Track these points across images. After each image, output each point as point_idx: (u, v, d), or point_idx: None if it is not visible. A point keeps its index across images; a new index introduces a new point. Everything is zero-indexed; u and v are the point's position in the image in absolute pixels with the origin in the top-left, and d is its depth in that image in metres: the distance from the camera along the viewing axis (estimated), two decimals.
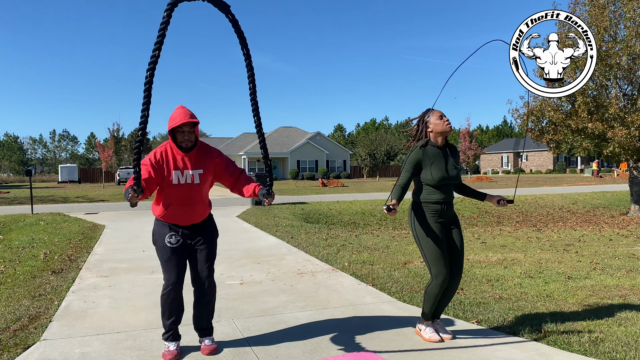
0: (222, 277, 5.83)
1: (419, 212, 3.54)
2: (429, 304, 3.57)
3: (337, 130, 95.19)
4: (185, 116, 3.26)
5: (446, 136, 3.57)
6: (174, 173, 3.33)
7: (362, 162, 52.45)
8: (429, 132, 3.56)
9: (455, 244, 3.59)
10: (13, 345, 3.61)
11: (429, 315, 3.63)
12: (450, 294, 3.63)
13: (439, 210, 3.51)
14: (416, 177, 3.56)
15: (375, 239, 9.67)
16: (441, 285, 3.47)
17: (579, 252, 7.69)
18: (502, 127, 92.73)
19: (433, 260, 3.47)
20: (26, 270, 6.54)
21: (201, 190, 3.44)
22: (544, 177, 45.09)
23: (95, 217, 13.75)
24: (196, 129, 3.38)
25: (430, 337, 3.60)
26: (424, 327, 3.68)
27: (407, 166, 3.51)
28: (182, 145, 3.35)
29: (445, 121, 3.52)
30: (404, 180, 3.49)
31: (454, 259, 3.57)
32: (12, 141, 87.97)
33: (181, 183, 3.34)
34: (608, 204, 19.38)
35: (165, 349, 3.42)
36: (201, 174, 3.40)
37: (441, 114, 3.55)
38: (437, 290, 3.49)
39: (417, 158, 3.49)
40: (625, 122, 13.09)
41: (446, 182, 3.51)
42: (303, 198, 21.17)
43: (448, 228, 3.60)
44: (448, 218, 3.58)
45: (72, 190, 30.32)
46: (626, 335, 3.59)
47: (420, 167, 3.51)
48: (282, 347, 3.54)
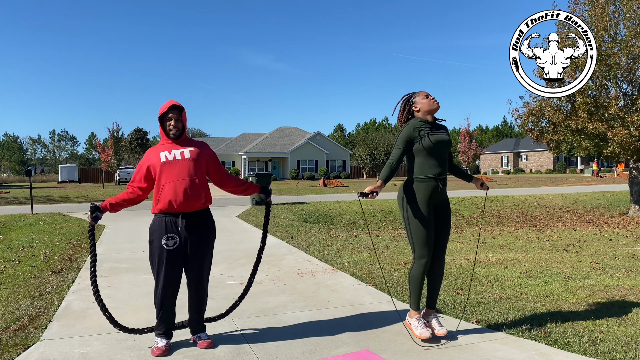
0: (222, 277, 5.83)
1: (410, 193, 3.52)
2: (415, 290, 3.57)
3: (337, 130, 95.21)
4: (171, 102, 3.48)
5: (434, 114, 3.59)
6: (161, 154, 3.45)
7: (362, 162, 52.48)
8: (415, 112, 3.59)
9: (443, 227, 3.60)
10: (13, 345, 3.61)
11: (415, 304, 3.62)
12: (437, 279, 3.65)
13: (434, 187, 3.48)
14: (409, 154, 3.54)
15: (375, 239, 9.67)
16: (424, 266, 3.49)
17: (579, 252, 7.69)
18: (501, 127, 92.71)
19: (418, 242, 3.48)
20: (26, 270, 6.54)
21: (194, 166, 3.44)
22: (544, 177, 45.09)
23: None
24: (183, 116, 3.52)
25: (420, 333, 3.53)
26: (414, 321, 3.63)
27: (398, 143, 3.49)
28: (171, 133, 3.48)
29: (432, 99, 3.56)
30: (394, 157, 3.46)
31: (438, 242, 3.57)
32: (12, 141, 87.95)
33: (169, 160, 3.42)
34: (608, 204, 19.38)
35: (154, 345, 3.48)
36: (192, 151, 3.49)
37: (426, 93, 3.59)
38: (420, 270, 3.50)
39: (408, 134, 3.48)
40: (625, 122, 13.09)
41: (441, 148, 3.49)
42: (303, 198, 21.17)
43: (438, 211, 3.59)
44: (440, 200, 3.56)
45: (72, 190, 30.31)
46: (626, 335, 3.59)
47: (413, 143, 3.49)
48: (282, 347, 3.54)
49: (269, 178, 17.02)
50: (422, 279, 3.56)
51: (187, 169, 3.41)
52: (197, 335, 3.63)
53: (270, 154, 51.22)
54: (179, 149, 3.47)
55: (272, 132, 55.63)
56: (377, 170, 50.21)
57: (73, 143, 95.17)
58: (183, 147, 3.49)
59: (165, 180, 3.39)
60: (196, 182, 3.42)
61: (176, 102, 3.48)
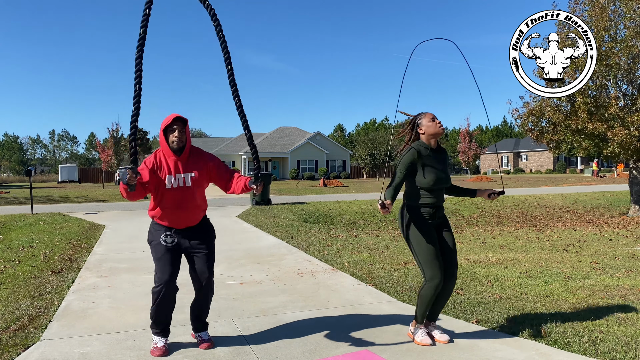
0: (222, 277, 5.83)
1: (411, 215, 3.53)
2: (422, 308, 3.53)
3: (337, 130, 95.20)
4: (175, 114, 3.43)
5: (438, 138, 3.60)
6: (167, 178, 3.43)
7: (362, 162, 52.47)
8: (421, 135, 3.59)
9: (448, 245, 3.58)
10: (13, 345, 3.61)
11: (421, 319, 3.60)
12: (445, 297, 3.60)
13: (431, 213, 3.52)
14: (409, 179, 3.54)
15: (375, 239, 9.68)
16: (435, 288, 3.43)
17: (579, 252, 7.69)
18: (501, 127, 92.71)
19: (427, 262, 3.44)
20: (26, 270, 6.54)
21: (194, 194, 3.50)
22: (544, 177, 45.10)
23: (95, 217, 13.75)
24: (187, 130, 3.48)
25: (421, 340, 3.54)
26: (417, 329, 3.64)
27: (400, 167, 3.50)
28: (174, 145, 3.41)
29: (438, 123, 3.57)
30: (397, 182, 3.47)
31: (448, 261, 3.54)
32: (12, 141, 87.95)
33: (174, 187, 3.43)
34: (608, 204, 19.39)
35: (153, 345, 3.49)
36: (193, 177, 3.48)
37: (433, 116, 3.59)
38: (431, 292, 3.45)
39: (411, 159, 3.48)
40: (625, 122, 13.09)
41: (439, 187, 3.53)
42: (303, 198, 21.17)
43: (439, 230, 3.60)
44: (439, 220, 3.58)
45: (72, 190, 30.32)
46: (626, 335, 3.59)
47: (415, 169, 3.49)
48: (282, 347, 3.54)
49: (269, 178, 16.91)
50: (433, 300, 3.50)
51: (189, 197, 3.48)
52: (198, 334, 3.63)
53: (270, 154, 51.23)
54: (182, 172, 3.46)
55: (272, 132, 55.63)
56: (377, 170, 50.21)
57: (73, 143, 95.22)
58: (186, 168, 3.47)
59: (166, 205, 3.46)
60: (196, 208, 3.52)
61: (180, 115, 3.45)
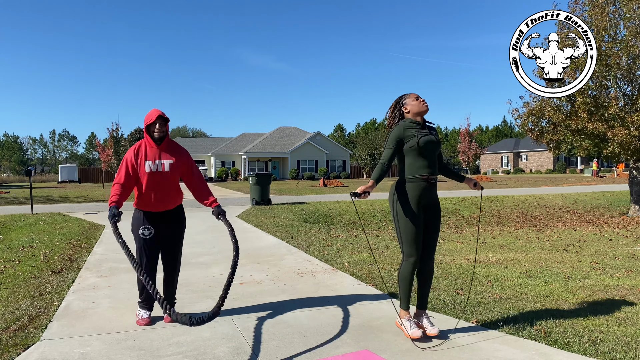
0: (222, 277, 5.82)
1: (401, 192, 3.58)
2: (404, 287, 3.61)
3: (337, 130, 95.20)
4: (158, 112, 3.95)
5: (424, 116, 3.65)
6: (146, 163, 3.94)
7: (362, 162, 52.47)
8: (405, 114, 3.65)
9: (432, 227, 3.64)
10: (13, 345, 3.61)
11: (406, 302, 3.65)
12: (427, 280, 3.69)
13: (424, 187, 3.53)
14: (399, 154, 3.59)
15: (375, 239, 9.67)
16: (413, 265, 3.55)
17: (579, 252, 7.69)
18: (501, 127, 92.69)
19: (408, 241, 3.53)
20: (26, 270, 6.54)
21: (170, 178, 4.01)
22: (544, 177, 45.09)
23: (95, 217, 13.75)
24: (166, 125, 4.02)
25: (412, 333, 3.56)
26: (405, 321, 3.66)
27: (389, 143, 3.55)
28: (155, 135, 3.94)
29: (422, 101, 3.63)
30: (385, 157, 3.52)
31: (428, 242, 3.62)
32: (12, 141, 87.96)
33: (153, 171, 3.94)
34: (608, 204, 19.38)
35: (138, 317, 4.10)
36: (171, 164, 4.00)
37: (417, 95, 3.66)
38: (409, 269, 3.55)
39: (398, 134, 3.55)
40: (625, 122, 13.08)
41: (431, 149, 3.54)
42: (303, 198, 21.17)
43: (428, 211, 3.63)
44: (430, 200, 3.60)
45: (72, 190, 30.32)
46: (626, 335, 3.59)
47: (403, 143, 3.55)
48: (282, 347, 3.54)
49: (269, 178, 17.01)
50: (412, 278, 3.61)
51: (167, 181, 4.00)
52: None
53: (270, 154, 51.23)
54: (162, 159, 3.97)
55: (272, 132, 55.62)
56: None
57: (73, 143, 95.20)
58: (165, 156, 3.99)
59: (147, 188, 3.97)
60: (172, 191, 4.07)
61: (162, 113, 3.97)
